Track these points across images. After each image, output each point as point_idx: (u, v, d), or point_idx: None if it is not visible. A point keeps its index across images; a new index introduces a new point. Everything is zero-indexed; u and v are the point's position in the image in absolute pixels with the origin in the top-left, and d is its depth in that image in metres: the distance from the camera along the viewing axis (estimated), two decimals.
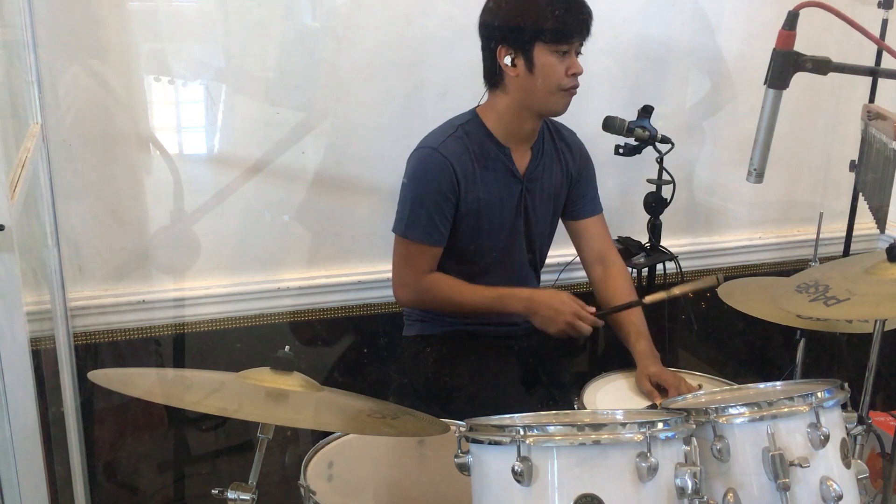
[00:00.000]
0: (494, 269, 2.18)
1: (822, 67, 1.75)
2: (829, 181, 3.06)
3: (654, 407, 1.92)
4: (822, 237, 2.18)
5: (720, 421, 1.40)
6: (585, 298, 2.17)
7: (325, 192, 2.42)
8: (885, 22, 2.57)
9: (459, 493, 1.49)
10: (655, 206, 2.42)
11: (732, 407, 1.41)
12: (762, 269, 3.01)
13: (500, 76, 2.06)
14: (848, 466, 1.44)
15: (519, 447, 1.26)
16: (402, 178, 2.14)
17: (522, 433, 1.26)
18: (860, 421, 1.62)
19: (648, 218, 2.44)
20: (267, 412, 1.37)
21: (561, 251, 2.45)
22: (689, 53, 2.74)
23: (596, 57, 2.54)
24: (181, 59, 2.23)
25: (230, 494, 1.37)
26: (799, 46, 1.75)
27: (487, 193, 2.11)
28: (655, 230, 2.43)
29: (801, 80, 1.76)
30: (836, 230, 2.84)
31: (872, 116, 1.95)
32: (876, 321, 1.73)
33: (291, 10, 2.33)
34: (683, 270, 2.54)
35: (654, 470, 1.25)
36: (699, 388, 1.97)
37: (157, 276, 2.30)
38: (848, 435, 1.49)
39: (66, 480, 2.18)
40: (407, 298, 2.18)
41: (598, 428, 1.27)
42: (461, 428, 1.39)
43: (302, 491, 1.54)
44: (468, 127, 2.11)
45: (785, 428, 1.39)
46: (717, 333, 2.85)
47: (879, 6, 2.58)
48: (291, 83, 2.33)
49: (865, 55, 2.59)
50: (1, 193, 1.27)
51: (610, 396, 1.98)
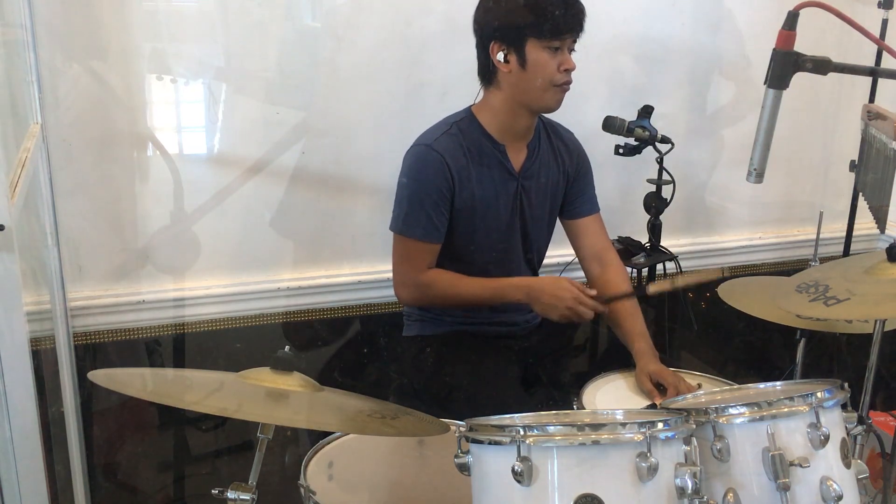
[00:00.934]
0: (492, 268, 2.17)
1: (822, 67, 1.75)
2: (829, 181, 3.06)
3: (653, 406, 1.92)
4: (822, 237, 2.18)
5: (720, 421, 1.40)
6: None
7: (325, 192, 2.42)
8: (885, 22, 2.57)
9: (459, 493, 1.49)
10: (655, 206, 2.42)
11: (732, 407, 1.41)
12: (762, 269, 3.01)
13: (493, 72, 2.07)
14: (848, 466, 1.44)
15: (519, 447, 1.26)
16: (399, 176, 2.13)
17: (522, 433, 1.26)
18: (860, 421, 1.62)
19: (648, 218, 2.44)
20: (267, 412, 1.37)
21: (561, 251, 2.45)
22: (689, 53, 2.74)
23: (596, 57, 2.55)
24: (181, 58, 2.23)
25: (230, 494, 1.37)
26: (799, 46, 1.75)
27: (483, 190, 2.11)
28: (655, 230, 2.43)
29: (801, 80, 1.76)
30: (836, 230, 2.84)
31: (872, 116, 1.95)
32: (876, 321, 1.73)
33: (291, 10, 2.33)
34: (683, 270, 2.54)
35: (654, 470, 1.25)
36: (699, 387, 1.97)
37: (157, 276, 2.30)
38: (848, 435, 1.49)
39: (66, 480, 2.18)
40: (408, 296, 2.18)
41: (598, 428, 1.27)
42: (461, 428, 1.39)
43: (302, 491, 1.54)
44: (463, 124, 2.11)
45: (785, 428, 1.39)
46: (717, 333, 2.85)
47: (879, 6, 2.58)
48: (291, 83, 2.33)
49: (865, 55, 2.60)
50: (1, 193, 1.27)
51: (610, 396, 1.98)
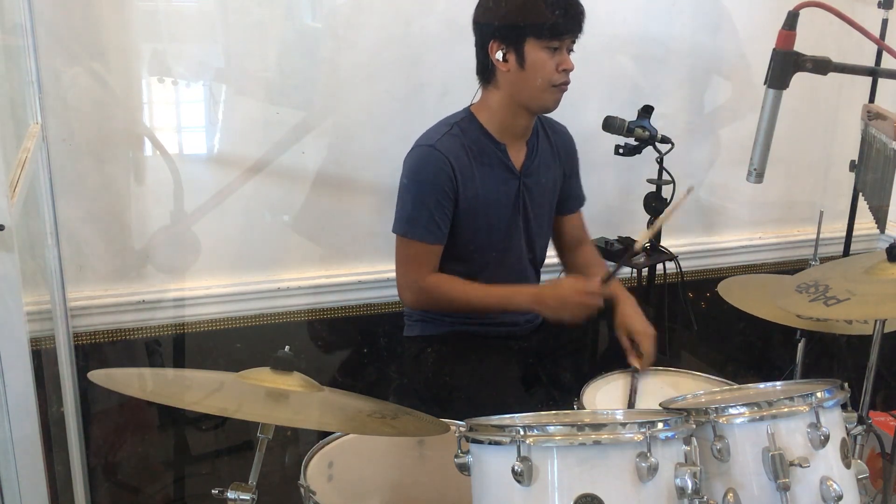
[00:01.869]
0: (494, 268, 2.17)
1: (822, 67, 1.75)
2: (829, 181, 3.07)
3: (636, 371, 2.01)
4: (822, 237, 2.18)
5: (720, 421, 1.40)
6: None
7: (325, 192, 2.42)
8: (885, 22, 2.57)
9: (459, 493, 1.49)
10: (655, 206, 2.42)
11: (732, 407, 1.41)
12: (762, 269, 3.01)
13: (492, 71, 2.07)
14: (848, 466, 1.44)
15: (519, 447, 1.26)
16: (401, 178, 2.13)
17: (522, 433, 1.26)
18: (860, 421, 1.62)
19: (648, 218, 2.44)
20: (267, 412, 1.37)
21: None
22: (689, 53, 2.74)
23: (596, 57, 2.55)
24: (181, 58, 2.23)
25: (230, 494, 1.37)
26: (799, 46, 1.75)
27: (485, 190, 2.11)
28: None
29: (801, 80, 1.76)
30: (836, 230, 2.84)
31: (872, 116, 1.96)
32: (876, 321, 1.73)
33: (291, 10, 2.33)
34: (683, 270, 2.54)
35: (654, 470, 1.25)
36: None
37: (157, 276, 2.30)
38: (848, 435, 1.49)
39: (66, 480, 2.18)
40: (413, 299, 2.17)
41: (598, 428, 1.27)
42: (461, 428, 1.39)
43: (302, 491, 1.54)
44: (463, 124, 2.11)
45: (785, 428, 1.39)
46: (717, 333, 2.85)
47: (879, 6, 2.58)
48: (291, 83, 2.33)
49: (865, 55, 2.59)
50: (1, 193, 1.28)
51: (610, 396, 1.98)
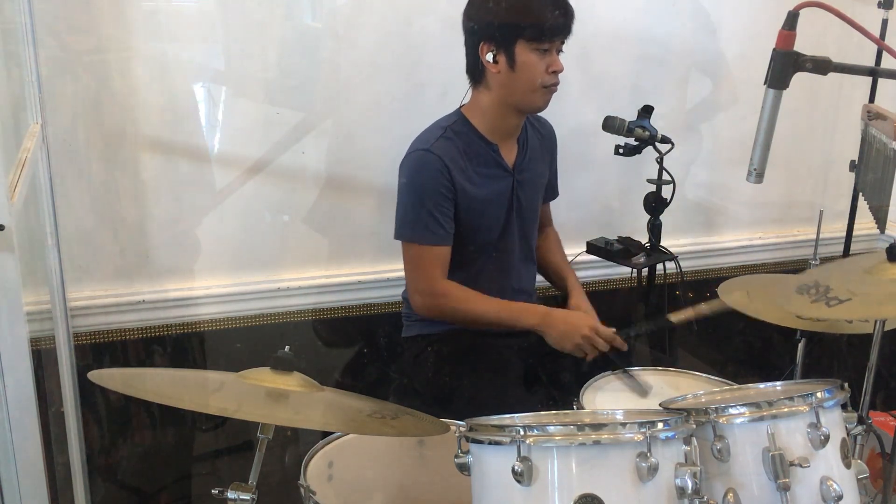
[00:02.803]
0: (492, 269, 2.18)
1: (822, 67, 1.75)
2: (829, 181, 3.06)
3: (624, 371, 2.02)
4: (822, 237, 2.18)
5: (720, 421, 1.40)
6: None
7: (325, 192, 2.42)
8: (885, 22, 2.57)
9: (459, 493, 1.49)
10: (655, 206, 2.41)
11: (732, 407, 1.41)
12: (762, 269, 3.01)
13: (482, 73, 2.09)
14: (848, 466, 1.44)
15: (519, 447, 1.26)
16: (399, 183, 2.13)
17: (522, 433, 1.26)
18: (860, 421, 1.62)
19: (648, 218, 2.44)
20: (267, 412, 1.37)
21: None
22: (689, 53, 2.74)
23: (596, 57, 2.55)
24: (181, 58, 2.23)
25: (230, 494, 1.37)
26: (799, 46, 1.75)
27: (482, 190, 2.12)
28: (655, 230, 2.43)
29: (801, 80, 1.76)
30: (836, 230, 2.84)
31: (872, 116, 1.96)
32: (876, 321, 1.73)
33: (291, 10, 2.33)
34: (683, 270, 2.54)
35: (654, 470, 1.25)
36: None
37: (157, 276, 2.30)
38: (848, 435, 1.49)
39: (66, 480, 2.18)
40: (424, 305, 2.15)
41: (598, 428, 1.27)
42: (461, 428, 1.39)
43: (302, 491, 1.54)
44: (456, 127, 2.13)
45: (785, 428, 1.39)
46: (717, 333, 2.85)
47: (879, 6, 2.58)
48: (291, 83, 2.33)
49: (865, 55, 2.59)
50: (1, 193, 1.27)
51: (610, 396, 1.98)
